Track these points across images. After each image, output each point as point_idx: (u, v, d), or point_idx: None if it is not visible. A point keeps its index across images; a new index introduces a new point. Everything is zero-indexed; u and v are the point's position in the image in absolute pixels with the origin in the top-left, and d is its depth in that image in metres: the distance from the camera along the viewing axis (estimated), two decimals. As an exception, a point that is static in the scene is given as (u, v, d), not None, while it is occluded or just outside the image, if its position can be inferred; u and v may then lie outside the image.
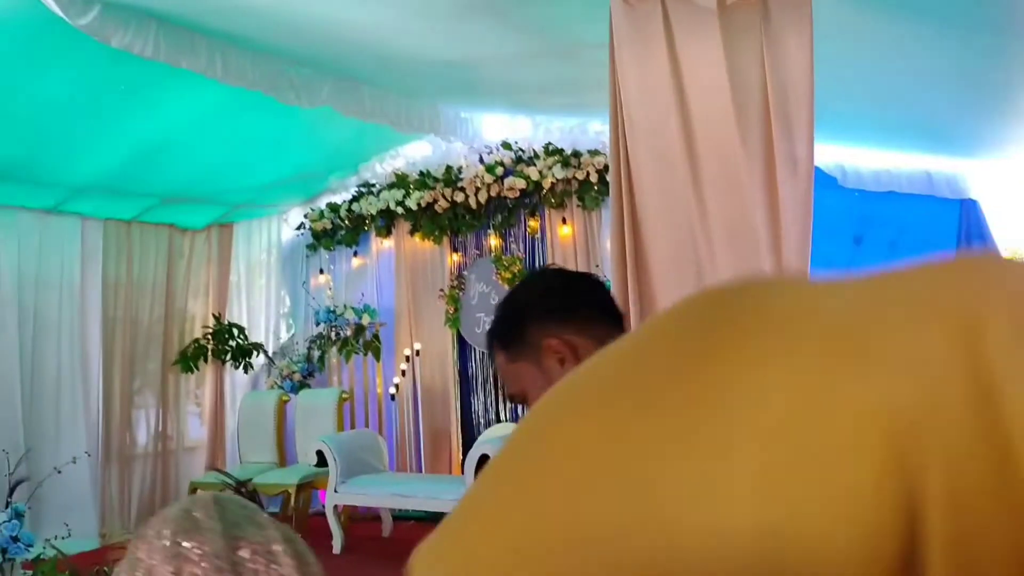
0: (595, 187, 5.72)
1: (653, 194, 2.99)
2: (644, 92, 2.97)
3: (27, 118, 4.79)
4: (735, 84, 2.74)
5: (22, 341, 6.20)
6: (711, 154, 2.84)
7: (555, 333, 1.13)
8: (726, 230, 2.83)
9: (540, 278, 1.29)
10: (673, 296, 2.94)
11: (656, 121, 2.95)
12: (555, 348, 1.11)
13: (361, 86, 4.92)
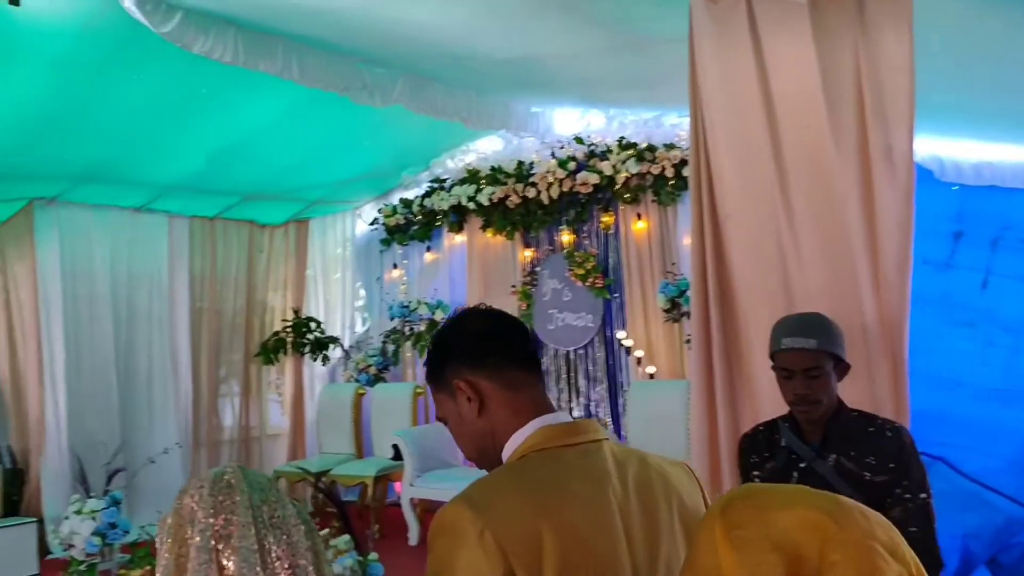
0: (671, 182, 5.58)
1: (735, 193, 2.87)
2: (726, 89, 2.86)
3: (117, 123, 4.97)
4: (826, 81, 2.61)
5: (116, 334, 6.48)
6: (799, 153, 2.72)
7: (465, 376, 1.25)
8: (815, 231, 2.70)
9: (461, 323, 1.34)
10: (755, 298, 2.83)
11: (739, 119, 2.84)
12: (463, 389, 1.25)
13: (433, 83, 4.92)
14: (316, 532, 1.07)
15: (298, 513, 1.06)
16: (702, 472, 2.90)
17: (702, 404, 2.94)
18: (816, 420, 2.17)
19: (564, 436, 1.21)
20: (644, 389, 5.44)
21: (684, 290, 5.24)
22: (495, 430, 1.24)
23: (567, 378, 6.31)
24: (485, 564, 1.04)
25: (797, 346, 2.12)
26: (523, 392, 1.25)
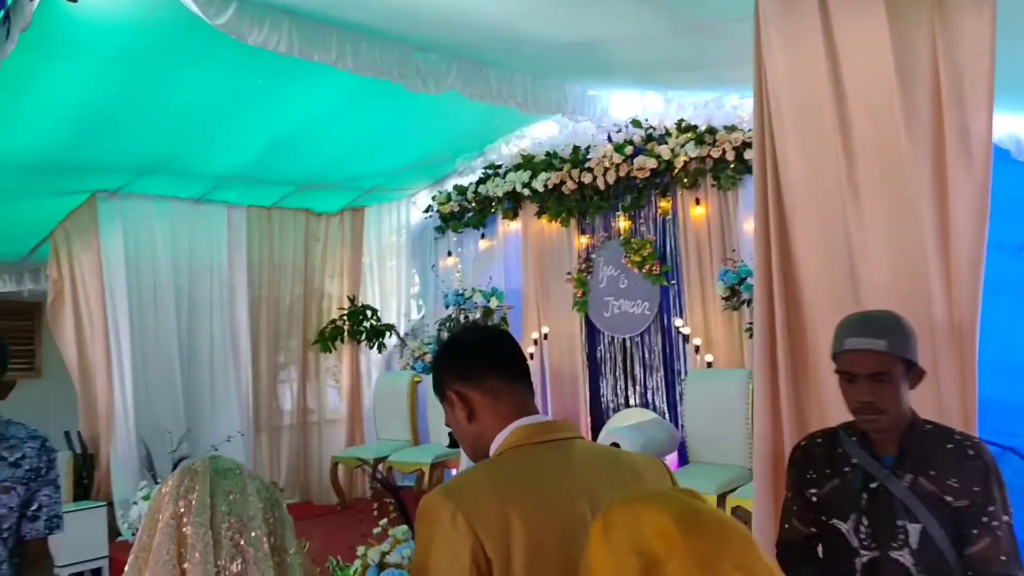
0: (732, 165, 5.40)
1: (801, 182, 2.77)
2: (794, 72, 2.74)
3: (175, 116, 5.04)
4: (900, 64, 2.46)
5: (179, 323, 6.63)
6: (869, 140, 2.58)
7: (455, 388, 1.47)
8: (884, 223, 2.57)
9: (452, 341, 1.59)
10: (820, 293, 2.73)
11: (806, 102, 2.72)
12: (454, 400, 1.47)
13: (487, 69, 4.85)
14: (281, 507, 1.20)
15: (258, 491, 1.18)
16: (765, 468, 2.82)
17: (766, 402, 2.85)
18: (884, 431, 1.97)
19: (538, 434, 1.39)
20: (702, 378, 5.32)
21: (744, 277, 5.09)
22: (483, 433, 1.44)
23: (623, 366, 6.22)
24: (457, 542, 1.21)
25: (863, 347, 1.93)
26: (505, 399, 1.44)
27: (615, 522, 0.98)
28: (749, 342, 5.14)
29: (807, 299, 2.78)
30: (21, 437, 2.25)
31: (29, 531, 2.23)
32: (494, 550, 1.21)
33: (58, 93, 4.43)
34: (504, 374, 1.46)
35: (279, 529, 1.17)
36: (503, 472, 1.34)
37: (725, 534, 0.94)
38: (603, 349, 6.35)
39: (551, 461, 1.36)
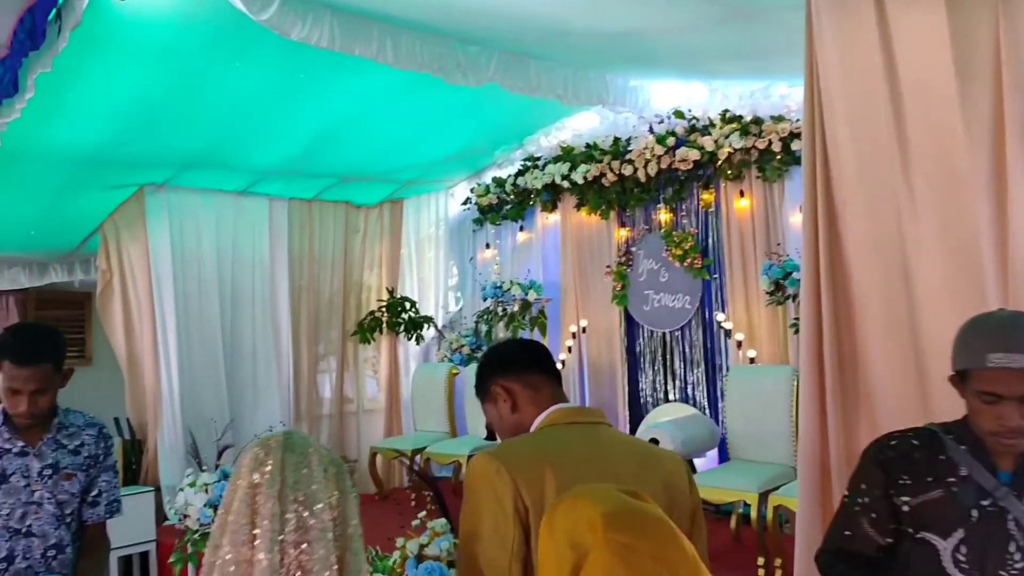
0: (778, 156, 5.30)
1: (853, 177, 2.70)
2: (847, 63, 2.66)
3: (219, 111, 5.10)
4: (959, 54, 2.38)
5: (223, 313, 6.73)
6: (924, 134, 2.51)
7: (499, 382, 1.71)
8: (939, 220, 2.50)
9: (495, 348, 1.87)
10: (871, 291, 2.67)
11: (859, 95, 2.64)
12: (499, 392, 1.70)
13: (528, 60, 4.82)
14: (345, 482, 1.30)
15: (325, 468, 1.28)
16: (810, 469, 2.77)
17: (811, 401, 2.80)
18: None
19: (570, 416, 1.63)
20: (744, 374, 5.24)
21: (789, 272, 5.00)
22: (523, 421, 1.66)
23: (663, 360, 6.17)
24: (501, 490, 1.43)
25: (1015, 365, 1.64)
26: (543, 391, 1.69)
27: (558, 516, 1.08)
28: (794, 338, 5.06)
29: (857, 296, 2.72)
30: (80, 425, 2.33)
31: (90, 516, 2.31)
32: (530, 498, 1.43)
33: (107, 89, 4.50)
34: (541, 371, 1.72)
35: (343, 504, 1.26)
36: (539, 440, 1.59)
37: (648, 530, 1.01)
38: (642, 343, 6.30)
39: (581, 437, 1.59)
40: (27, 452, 2.21)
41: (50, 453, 2.23)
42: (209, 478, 4.24)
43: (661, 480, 1.54)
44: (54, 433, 2.26)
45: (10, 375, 2.12)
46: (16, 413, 2.16)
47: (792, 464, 4.57)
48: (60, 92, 4.21)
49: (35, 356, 2.14)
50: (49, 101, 4.10)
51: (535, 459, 1.48)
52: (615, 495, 1.07)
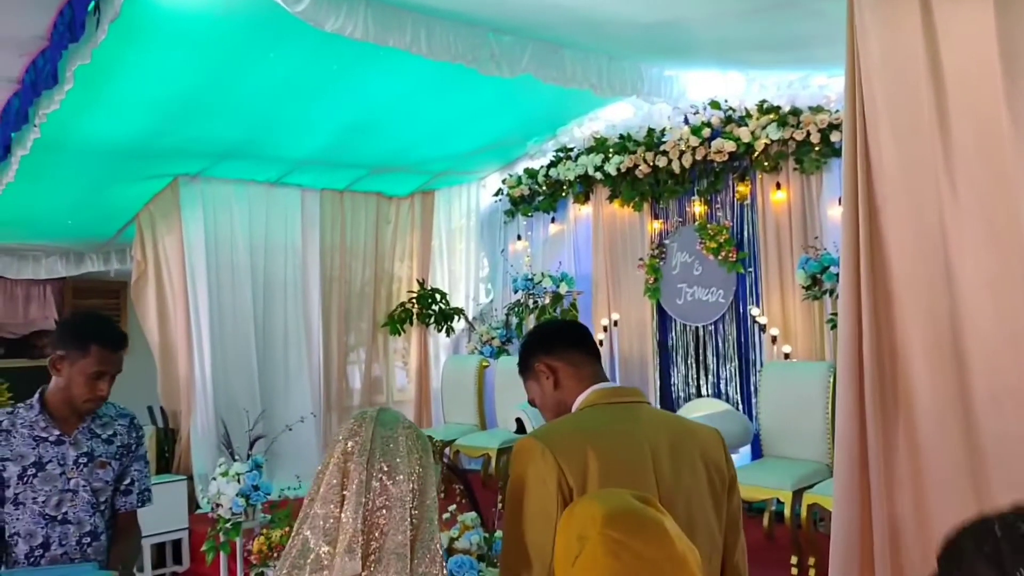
0: (816, 148, 5.20)
1: (895, 174, 2.63)
2: (889, 57, 2.59)
3: (254, 102, 5.14)
4: (1006, 50, 2.29)
5: (255, 303, 6.79)
6: (968, 131, 2.43)
7: (543, 360, 1.77)
8: (983, 218, 2.42)
9: (539, 327, 1.96)
10: (912, 290, 2.60)
11: (902, 90, 2.57)
12: (542, 369, 1.76)
13: (562, 50, 4.76)
14: (428, 457, 1.42)
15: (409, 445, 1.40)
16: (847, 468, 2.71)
17: (849, 400, 2.74)
18: None
19: (611, 396, 1.68)
20: (779, 370, 5.16)
21: (827, 266, 4.90)
22: (565, 398, 1.72)
23: (695, 355, 6.10)
24: (545, 470, 1.49)
25: None
26: (584, 369, 1.74)
27: (575, 511, 1.22)
28: (830, 334, 4.97)
29: (897, 294, 2.66)
30: (112, 415, 2.37)
31: (123, 504, 2.36)
32: (574, 478, 1.48)
33: (144, 81, 4.55)
34: (583, 349, 1.78)
35: (423, 478, 1.37)
36: (581, 421, 1.64)
37: (642, 531, 1.14)
38: (674, 337, 6.24)
39: (621, 416, 1.64)
40: (63, 441, 2.24)
41: (85, 442, 2.27)
42: (241, 467, 4.28)
43: (699, 454, 1.61)
44: (88, 422, 2.30)
45: (99, 358, 2.20)
46: (92, 397, 2.23)
47: (827, 462, 4.49)
48: (98, 84, 4.26)
49: (121, 342, 2.28)
50: (87, 93, 4.15)
51: (577, 440, 1.54)
52: (623, 499, 1.20)
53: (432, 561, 1.33)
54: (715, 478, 1.61)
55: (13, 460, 2.19)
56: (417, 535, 1.34)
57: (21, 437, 2.22)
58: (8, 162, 4.73)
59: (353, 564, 1.28)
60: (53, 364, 2.23)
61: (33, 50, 3.77)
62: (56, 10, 3.47)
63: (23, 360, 8.65)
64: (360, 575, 1.28)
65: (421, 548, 1.33)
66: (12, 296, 8.69)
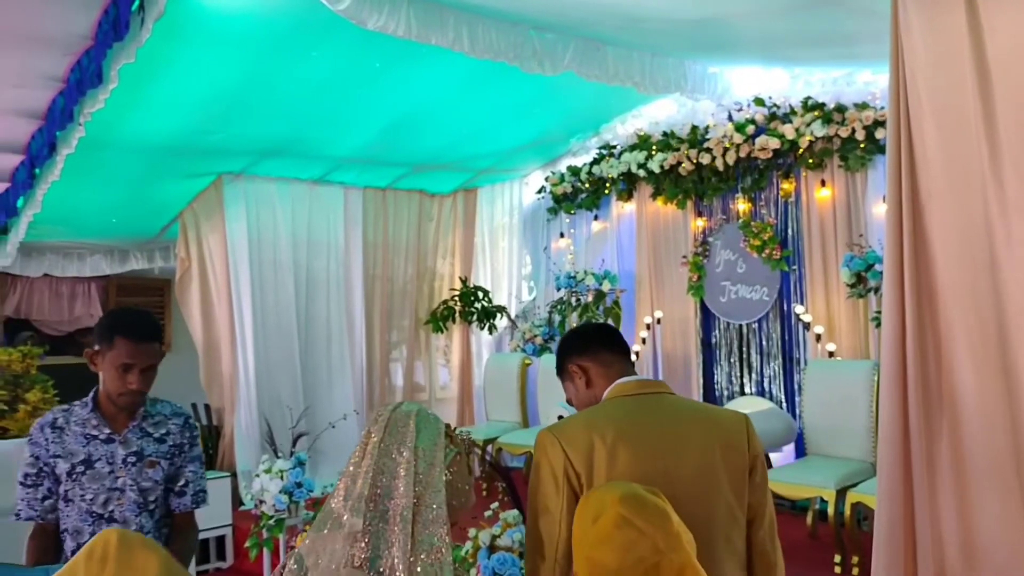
0: (861, 145, 5.10)
1: (940, 171, 2.59)
2: (934, 53, 2.55)
3: (297, 100, 5.19)
4: None
5: (298, 300, 6.86)
6: (1015, 128, 2.39)
7: (575, 361, 1.90)
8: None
9: (572, 332, 2.05)
10: (958, 288, 2.56)
11: (947, 86, 2.53)
12: (575, 370, 1.89)
13: (604, 47, 4.75)
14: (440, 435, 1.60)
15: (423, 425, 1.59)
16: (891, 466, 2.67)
17: (893, 399, 2.70)
18: None
19: (633, 388, 1.79)
20: (824, 368, 5.08)
21: (872, 264, 4.81)
22: (597, 395, 1.83)
23: (738, 353, 6.03)
24: (554, 459, 1.66)
25: None
26: (614, 368, 1.86)
27: (591, 498, 1.46)
28: (875, 332, 4.88)
29: (942, 292, 2.63)
30: (166, 414, 2.36)
31: (178, 505, 2.35)
32: (581, 465, 1.64)
33: (188, 80, 4.62)
34: (612, 350, 1.90)
35: (429, 453, 1.56)
36: (595, 413, 1.77)
37: (644, 511, 1.39)
38: (718, 335, 6.18)
39: (637, 407, 1.75)
40: (113, 439, 2.25)
41: (135, 441, 2.27)
42: (284, 465, 4.33)
43: (719, 440, 1.73)
44: (139, 421, 2.30)
45: (125, 351, 2.19)
46: (125, 391, 2.22)
47: (871, 460, 4.42)
48: (142, 82, 4.31)
49: (148, 333, 2.25)
50: (132, 91, 4.19)
51: (586, 431, 1.68)
52: (633, 487, 1.45)
53: (434, 523, 1.50)
54: (733, 459, 1.72)
55: (64, 457, 2.22)
56: (421, 502, 1.51)
57: (73, 435, 2.24)
58: (54, 161, 4.78)
59: (355, 521, 1.47)
60: (90, 359, 2.25)
61: (78, 49, 3.81)
62: (101, 9, 3.50)
63: (68, 357, 8.79)
64: (363, 529, 1.47)
65: (425, 512, 1.50)
66: (57, 294, 8.80)
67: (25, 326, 8.58)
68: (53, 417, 2.30)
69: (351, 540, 1.48)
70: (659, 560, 1.34)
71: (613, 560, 1.35)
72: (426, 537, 1.49)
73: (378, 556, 1.48)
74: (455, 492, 1.60)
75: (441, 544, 1.49)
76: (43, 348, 5.18)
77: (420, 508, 1.51)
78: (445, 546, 1.49)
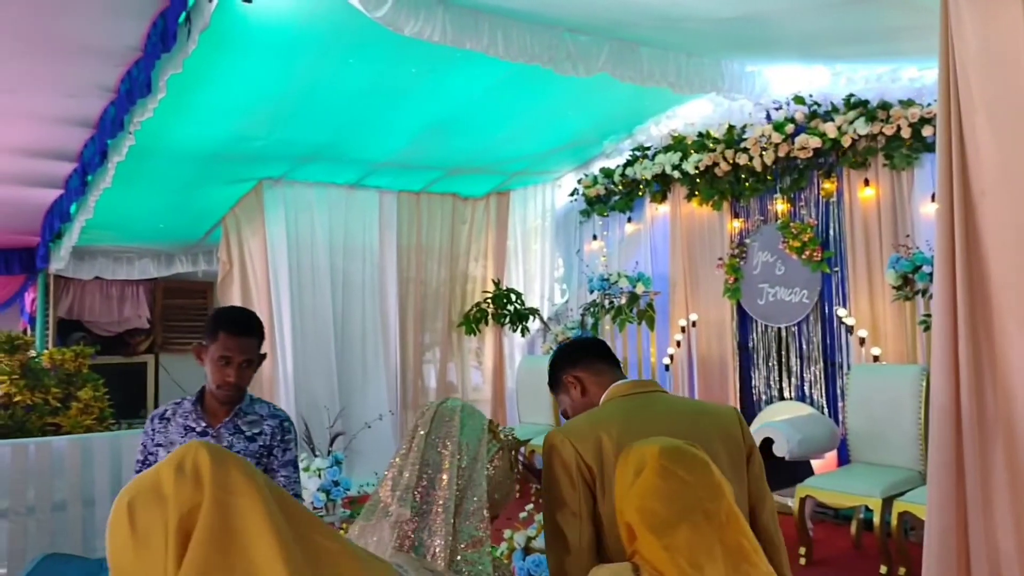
0: (907, 143, 4.98)
1: (994, 168, 2.52)
2: (987, 48, 2.48)
3: (335, 107, 5.25)
4: None
5: (334, 302, 6.95)
6: None
7: (570, 372, 2.00)
8: None
9: (563, 347, 2.14)
10: (1013, 287, 2.48)
11: (1002, 82, 2.47)
12: (571, 381, 2.00)
13: (639, 48, 4.71)
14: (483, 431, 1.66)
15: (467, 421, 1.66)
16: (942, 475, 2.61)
17: (945, 405, 2.63)
18: None
19: (628, 389, 1.89)
20: (868, 373, 4.97)
21: (919, 265, 4.70)
22: (592, 401, 1.92)
23: (777, 357, 5.93)
24: (567, 456, 1.73)
25: None
26: (606, 376, 1.96)
27: (631, 452, 1.50)
28: (923, 336, 4.76)
29: (996, 296, 2.56)
30: (263, 415, 2.40)
31: None
32: (591, 459, 1.72)
33: (231, 88, 4.70)
34: (604, 359, 2.01)
35: (473, 449, 1.63)
36: (597, 413, 1.86)
37: (685, 461, 1.45)
38: (755, 338, 6.09)
39: (634, 405, 1.85)
40: (207, 433, 2.32)
41: (227, 436, 2.32)
42: (322, 463, 4.38)
43: (717, 432, 1.82)
44: (233, 418, 2.35)
45: (224, 344, 2.27)
46: (223, 383, 2.28)
47: (919, 468, 4.31)
48: (188, 91, 4.40)
49: (248, 328, 2.33)
50: (178, 100, 4.28)
51: (591, 428, 1.78)
52: (673, 440, 1.50)
53: (475, 514, 1.58)
54: (732, 449, 1.82)
55: (165, 447, 2.30)
56: (464, 495, 1.59)
57: (176, 426, 2.33)
58: (105, 168, 4.91)
59: (402, 511, 1.55)
60: (197, 355, 2.32)
61: (128, 60, 3.92)
62: (149, 21, 3.60)
63: (117, 357, 9.05)
64: (410, 518, 1.55)
65: (466, 503, 1.58)
66: (107, 296, 9.12)
67: (77, 327, 8.83)
68: (163, 409, 2.40)
69: (398, 528, 1.55)
70: (707, 507, 1.39)
71: (662, 508, 1.40)
72: (466, 528, 1.56)
73: (422, 543, 1.55)
74: (497, 485, 1.67)
75: (482, 535, 1.55)
76: (95, 348, 5.32)
77: (462, 500, 1.58)
78: (486, 536, 1.56)
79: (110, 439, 4.12)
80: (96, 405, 4.66)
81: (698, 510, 1.38)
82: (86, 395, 4.64)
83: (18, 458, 3.80)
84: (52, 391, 4.65)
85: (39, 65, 3.93)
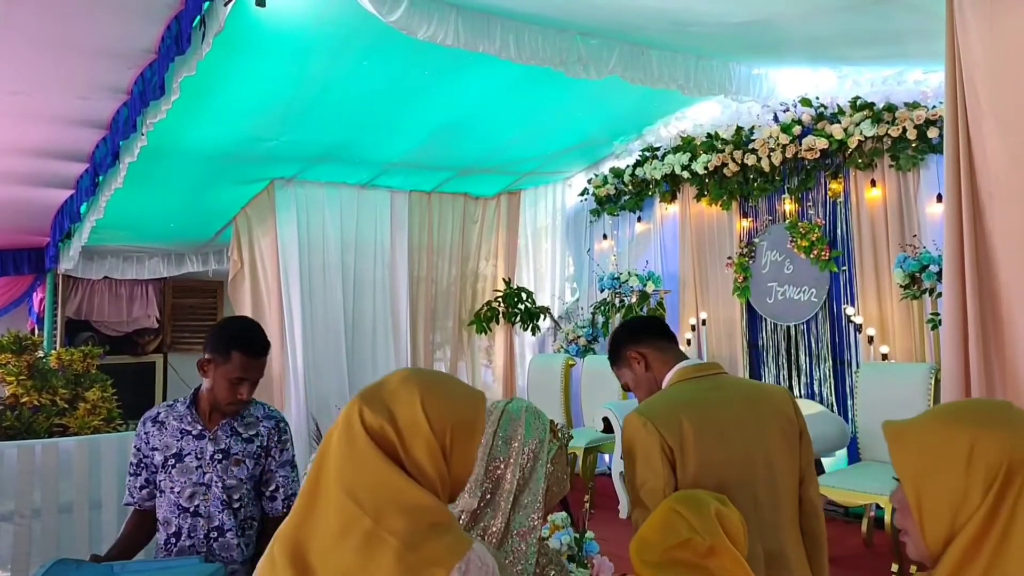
0: (912, 144, 5.03)
1: (1001, 170, 2.56)
2: (992, 52, 2.52)
3: (347, 108, 5.29)
4: None
5: (345, 301, 6.99)
6: None
7: (633, 348, 2.05)
8: None
9: (625, 322, 2.20)
10: (1021, 284, 2.51)
11: (1008, 86, 2.51)
12: (634, 356, 2.05)
13: (649, 51, 4.76)
14: (545, 430, 1.72)
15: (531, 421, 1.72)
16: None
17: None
18: None
19: (695, 371, 1.94)
20: (877, 371, 5.01)
21: (926, 265, 4.73)
22: (656, 378, 2.00)
23: (786, 355, 5.97)
24: (649, 440, 1.78)
25: None
26: (669, 352, 2.02)
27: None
28: (931, 334, 4.80)
29: (1005, 297, 2.60)
30: (258, 416, 2.39)
31: (270, 509, 2.38)
32: (674, 441, 1.76)
33: (244, 90, 4.75)
34: (665, 337, 2.07)
35: (535, 449, 1.70)
36: (673, 395, 1.92)
37: (688, 504, 1.58)
38: (765, 337, 6.13)
39: (706, 386, 1.91)
40: (204, 435, 2.31)
41: (224, 438, 2.32)
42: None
43: (772, 409, 1.89)
44: (231, 420, 2.34)
45: (241, 365, 2.24)
46: (234, 401, 2.28)
47: (928, 468, 4.34)
48: (201, 93, 4.43)
49: (264, 348, 2.33)
50: (191, 101, 4.29)
51: (672, 411, 1.83)
52: (694, 491, 1.65)
53: (529, 506, 1.67)
54: (787, 428, 1.88)
55: (160, 450, 2.29)
56: (523, 490, 1.69)
57: (171, 429, 2.31)
58: (117, 169, 4.92)
59: (471, 501, 1.66)
60: (201, 366, 2.28)
61: (142, 63, 3.94)
62: (164, 24, 3.63)
63: (126, 357, 9.07)
64: (476, 509, 1.66)
65: (526, 496, 1.68)
66: (117, 296, 9.12)
67: (85, 327, 8.84)
68: (156, 411, 2.38)
69: (462, 516, 1.67)
70: (691, 538, 1.50)
71: (653, 536, 1.55)
72: (520, 518, 1.67)
73: (484, 516, 1.68)
74: (555, 480, 1.77)
75: (534, 525, 1.67)
76: (103, 348, 5.29)
77: (520, 493, 1.68)
78: (536, 527, 1.67)
79: (118, 440, 4.02)
80: (104, 406, 4.59)
81: (682, 537, 1.53)
82: (94, 396, 4.58)
83: (24, 459, 3.72)
84: (59, 392, 4.58)
85: (52, 67, 3.95)
